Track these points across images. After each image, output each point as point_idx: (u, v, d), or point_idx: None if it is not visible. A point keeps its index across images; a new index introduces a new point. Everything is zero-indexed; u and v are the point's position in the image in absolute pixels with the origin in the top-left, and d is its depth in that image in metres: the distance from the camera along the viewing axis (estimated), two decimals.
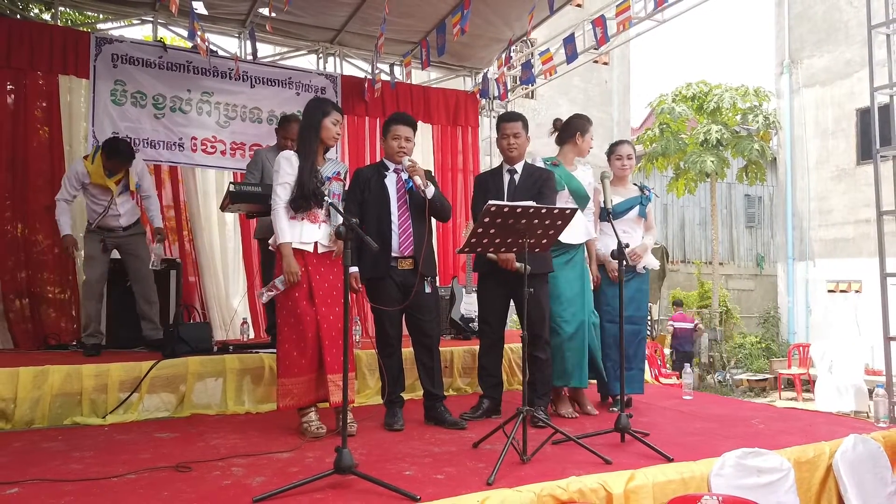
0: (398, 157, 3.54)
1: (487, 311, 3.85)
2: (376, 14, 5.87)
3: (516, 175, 3.81)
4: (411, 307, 3.53)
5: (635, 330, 4.10)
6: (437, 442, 3.23)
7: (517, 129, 3.78)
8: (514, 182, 3.79)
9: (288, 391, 3.29)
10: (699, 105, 13.82)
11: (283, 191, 3.25)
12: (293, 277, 3.22)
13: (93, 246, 4.69)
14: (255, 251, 6.34)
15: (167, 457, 2.92)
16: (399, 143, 3.53)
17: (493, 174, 3.94)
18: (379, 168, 3.65)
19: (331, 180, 3.35)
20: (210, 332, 4.59)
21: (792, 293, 14.05)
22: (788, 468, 2.86)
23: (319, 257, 3.34)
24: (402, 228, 3.51)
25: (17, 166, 5.48)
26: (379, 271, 3.49)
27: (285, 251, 3.24)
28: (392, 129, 3.56)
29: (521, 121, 3.83)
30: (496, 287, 3.75)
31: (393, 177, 3.58)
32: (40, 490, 2.46)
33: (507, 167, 3.84)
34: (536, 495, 2.37)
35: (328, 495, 2.39)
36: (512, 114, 3.98)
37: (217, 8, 6.20)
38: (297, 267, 3.23)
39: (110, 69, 5.76)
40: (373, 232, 3.43)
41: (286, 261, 3.23)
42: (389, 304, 3.49)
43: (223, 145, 6.23)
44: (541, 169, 3.89)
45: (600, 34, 5.89)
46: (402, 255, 3.51)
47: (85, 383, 3.75)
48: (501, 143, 3.82)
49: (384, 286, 3.51)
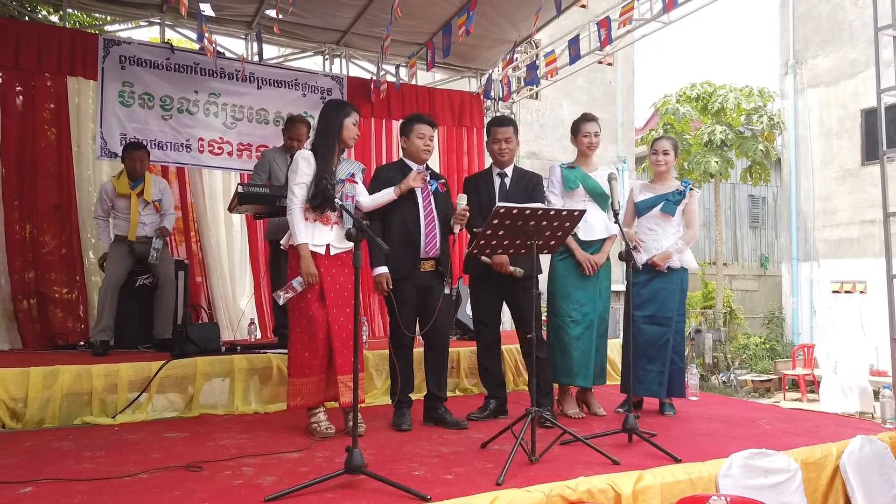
0: (423, 154, 3.57)
1: (482, 311, 3.89)
2: (382, 15, 5.90)
3: (507, 178, 3.85)
4: (429, 309, 3.54)
5: (659, 331, 3.91)
6: (444, 442, 3.24)
7: (508, 135, 3.83)
8: (505, 185, 3.83)
9: (298, 391, 3.31)
10: (703, 105, 13.83)
11: (300, 191, 3.26)
12: (311, 279, 3.23)
13: (118, 250, 4.80)
14: (262, 252, 6.38)
15: (178, 456, 2.94)
16: (424, 142, 3.56)
17: (483, 177, 3.96)
18: (401, 168, 3.63)
19: (344, 182, 3.36)
20: (218, 332, 4.62)
21: (796, 294, 14.04)
22: (796, 469, 2.87)
23: (331, 259, 3.35)
24: (428, 229, 3.52)
25: (26, 167, 5.52)
26: (402, 272, 3.49)
27: (303, 252, 3.24)
28: (416, 127, 3.58)
29: (512, 126, 3.88)
30: (489, 288, 3.80)
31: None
32: (53, 489, 2.49)
33: (498, 171, 3.88)
34: (546, 495, 2.38)
35: (339, 495, 2.41)
36: (503, 118, 4.04)
37: (224, 10, 6.24)
38: (314, 268, 3.24)
39: (118, 71, 5.80)
40: (399, 233, 3.46)
41: (304, 262, 3.23)
42: (408, 304, 3.50)
43: (230, 146, 6.25)
44: (531, 172, 3.94)
45: (604, 35, 5.90)
46: (427, 257, 3.52)
47: (95, 383, 3.78)
48: (493, 147, 3.87)
49: (405, 287, 3.50)
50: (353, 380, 3.22)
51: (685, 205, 4.03)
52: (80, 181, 5.77)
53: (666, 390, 3.97)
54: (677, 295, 3.98)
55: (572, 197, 3.89)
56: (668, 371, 3.93)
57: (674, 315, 3.95)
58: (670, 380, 3.96)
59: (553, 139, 14.18)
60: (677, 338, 3.99)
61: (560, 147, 13.68)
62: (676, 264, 3.99)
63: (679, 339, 4.03)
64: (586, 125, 3.99)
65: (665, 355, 3.92)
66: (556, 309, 3.91)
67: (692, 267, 4.08)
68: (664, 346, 3.92)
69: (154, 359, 4.07)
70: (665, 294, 3.95)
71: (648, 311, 3.93)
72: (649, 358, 3.92)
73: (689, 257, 4.06)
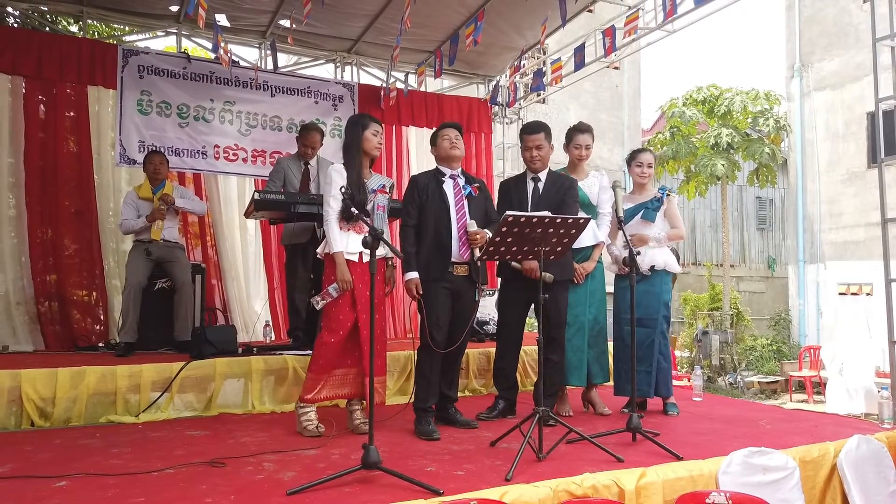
0: (452, 152, 3.67)
1: (508, 314, 3.98)
2: (392, 24, 6.04)
3: (540, 183, 3.92)
4: (461, 315, 3.61)
5: (645, 333, 4.05)
6: (455, 441, 3.37)
7: (539, 141, 3.88)
8: (538, 190, 3.90)
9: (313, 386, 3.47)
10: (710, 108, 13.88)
11: (336, 202, 3.39)
12: (346, 286, 3.37)
13: (137, 254, 4.96)
14: (277, 255, 6.53)
15: (200, 453, 3.07)
16: (450, 141, 3.67)
17: (517, 182, 4.04)
18: (436, 174, 3.71)
19: (376, 192, 3.49)
20: (235, 334, 4.76)
21: (803, 296, 14.08)
22: (794, 467, 2.98)
23: (364, 266, 3.46)
24: (461, 233, 3.56)
25: (48, 174, 5.70)
26: (432, 275, 3.54)
27: (338, 260, 3.38)
28: (441, 132, 3.72)
29: (543, 131, 3.92)
30: (518, 292, 3.88)
31: (450, 182, 3.68)
32: (86, 483, 2.63)
33: (531, 175, 3.95)
34: (553, 490, 2.50)
35: (356, 489, 2.54)
36: (534, 125, 3.99)
37: (239, 20, 6.39)
38: (349, 275, 3.38)
39: (136, 80, 5.97)
40: (430, 237, 3.54)
41: (339, 269, 3.37)
42: (438, 308, 3.54)
43: (245, 153, 6.41)
44: (564, 177, 3.98)
45: (608, 44, 6.02)
46: (461, 261, 3.57)
47: (119, 383, 3.92)
48: (525, 154, 3.93)
49: (438, 291, 3.54)
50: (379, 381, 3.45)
51: (664, 210, 4.17)
52: (100, 187, 5.96)
53: (653, 389, 4.09)
54: (661, 297, 4.11)
55: None
56: (654, 371, 4.06)
57: (658, 317, 4.08)
58: (657, 379, 4.09)
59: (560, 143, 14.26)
60: (662, 339, 4.11)
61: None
62: (661, 266, 4.11)
63: (664, 341, 4.14)
64: (579, 136, 4.11)
65: (652, 356, 4.05)
66: None
67: (675, 270, 4.19)
68: (650, 347, 4.06)
69: (175, 360, 4.21)
70: (649, 297, 4.09)
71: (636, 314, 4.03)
72: (639, 359, 4.02)
73: (672, 261, 4.17)
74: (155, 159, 5.07)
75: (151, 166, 5.04)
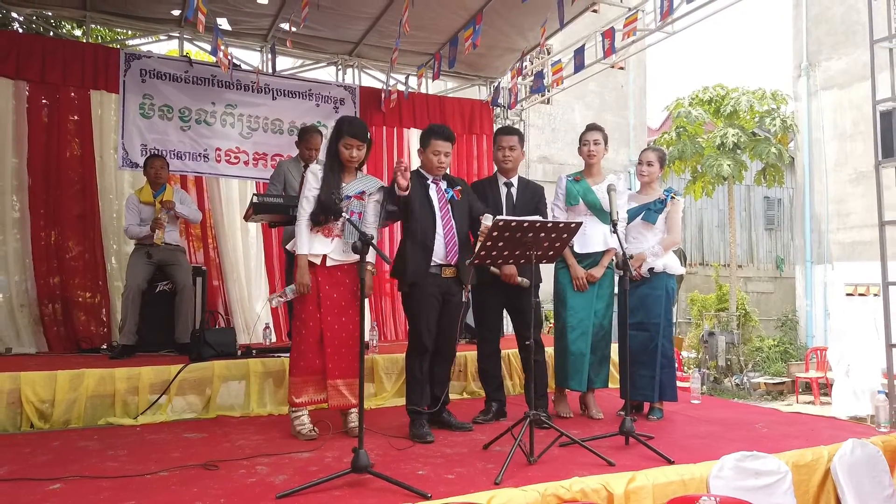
0: (437, 171, 3.67)
1: (488, 317, 4.04)
2: (392, 27, 6.05)
3: (513, 189, 3.98)
4: (448, 318, 3.62)
5: (648, 337, 4.02)
6: (449, 444, 3.38)
7: (513, 143, 3.96)
8: (511, 196, 3.96)
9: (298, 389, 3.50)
10: (716, 108, 13.81)
11: (308, 203, 3.43)
12: (303, 289, 3.42)
13: (138, 257, 5.00)
14: (277, 258, 6.58)
15: (196, 456, 3.11)
16: (439, 159, 3.64)
17: (489, 183, 4.08)
18: (418, 177, 3.69)
19: (351, 199, 3.50)
20: (234, 336, 4.79)
21: (810, 296, 13.99)
22: (786, 471, 2.97)
23: (329, 269, 3.49)
24: (447, 237, 3.59)
25: (51, 177, 5.77)
26: (417, 277, 3.54)
27: (300, 262, 3.43)
28: (433, 143, 3.64)
29: (517, 135, 4.02)
30: (494, 296, 3.94)
31: (434, 187, 3.68)
32: (80, 486, 2.66)
33: (504, 180, 4.01)
34: (541, 494, 2.50)
35: (346, 493, 2.55)
36: (509, 128, 4.17)
37: (240, 24, 6.43)
38: (308, 279, 3.42)
39: (139, 84, 6.02)
40: (416, 240, 3.56)
41: (299, 272, 3.43)
42: (429, 311, 3.55)
43: (246, 156, 6.46)
44: (533, 183, 4.07)
45: (608, 45, 6.01)
46: (447, 263, 3.59)
47: (118, 385, 3.97)
48: (497, 154, 4.01)
49: (425, 294, 3.55)
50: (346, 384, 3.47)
51: (667, 213, 4.11)
52: (103, 190, 6.02)
53: (657, 394, 4.07)
54: (663, 301, 4.06)
55: (574, 211, 4.02)
56: (658, 375, 4.01)
57: (661, 320, 4.04)
58: (661, 384, 4.05)
59: (564, 143, 14.27)
60: (666, 342, 4.07)
61: (571, 151, 13.75)
62: (660, 269, 4.07)
63: (668, 344, 4.10)
64: (586, 133, 4.11)
65: (655, 360, 4.01)
66: (557, 314, 4.10)
67: (677, 272, 4.13)
68: (654, 351, 4.02)
69: (174, 362, 4.25)
70: (651, 300, 4.05)
71: (636, 319, 4.02)
72: (642, 363, 4.02)
73: (674, 262, 4.13)
74: (156, 163, 5.12)
75: (152, 170, 5.08)
